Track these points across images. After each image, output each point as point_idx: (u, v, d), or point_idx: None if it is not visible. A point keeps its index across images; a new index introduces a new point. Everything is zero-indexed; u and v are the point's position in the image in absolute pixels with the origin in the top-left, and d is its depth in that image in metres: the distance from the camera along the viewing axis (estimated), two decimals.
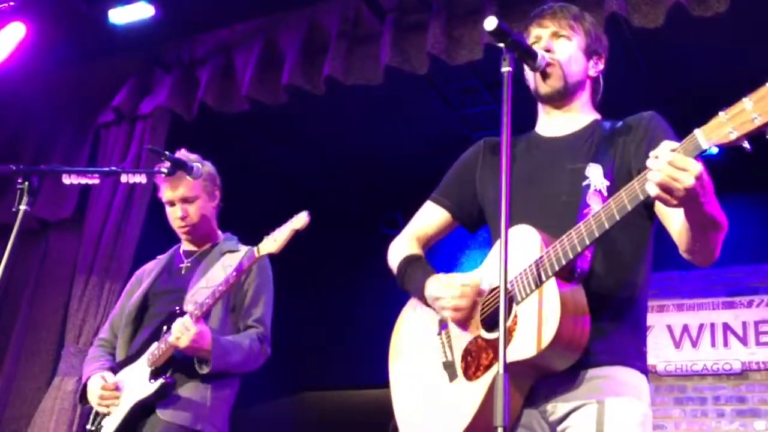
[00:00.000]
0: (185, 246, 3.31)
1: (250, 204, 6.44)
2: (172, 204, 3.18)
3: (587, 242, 1.84)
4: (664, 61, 5.32)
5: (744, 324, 5.96)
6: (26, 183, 2.74)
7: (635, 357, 2.04)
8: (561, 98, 2.24)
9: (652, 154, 1.69)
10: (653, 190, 1.68)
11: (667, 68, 5.40)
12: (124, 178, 3.15)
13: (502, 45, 2.03)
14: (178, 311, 2.92)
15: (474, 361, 2.02)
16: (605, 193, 2.03)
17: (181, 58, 5.24)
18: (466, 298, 2.05)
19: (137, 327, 3.13)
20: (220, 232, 3.34)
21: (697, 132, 1.69)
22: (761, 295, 6.02)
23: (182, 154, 3.15)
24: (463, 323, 2.07)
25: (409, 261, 2.34)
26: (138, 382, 2.94)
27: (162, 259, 3.36)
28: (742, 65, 5.23)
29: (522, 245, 1.98)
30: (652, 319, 5.95)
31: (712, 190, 1.77)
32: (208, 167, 3.25)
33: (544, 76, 2.18)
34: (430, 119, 6.18)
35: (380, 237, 7.57)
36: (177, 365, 2.89)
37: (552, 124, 2.29)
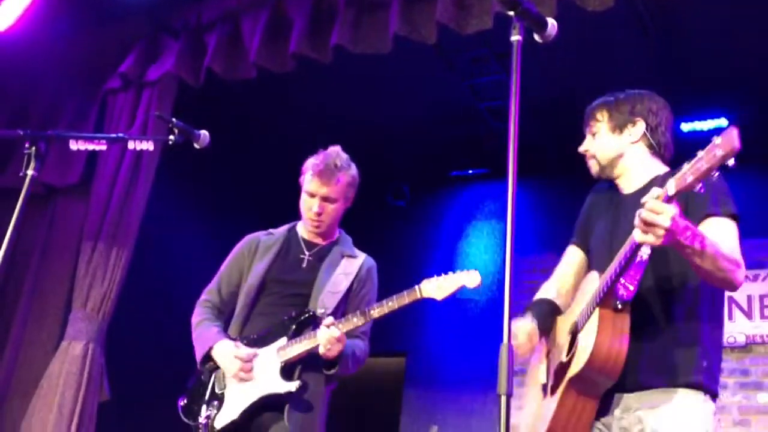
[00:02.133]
0: (305, 234, 3.34)
1: (256, 172, 6.44)
2: (312, 195, 3.23)
3: (614, 277, 2.21)
4: (672, 27, 5.28)
5: (749, 298, 5.96)
6: (33, 148, 2.75)
7: (695, 372, 2.30)
8: (608, 174, 2.67)
9: (643, 200, 2.04)
10: (637, 235, 2.04)
11: (676, 34, 5.36)
12: (131, 145, 3.14)
13: (512, 13, 2.04)
14: (311, 314, 3.05)
15: (558, 380, 2.41)
16: None
17: (188, 24, 5.21)
18: (522, 345, 2.50)
19: (253, 308, 3.20)
20: (337, 229, 3.41)
21: (669, 181, 1.99)
22: (767, 269, 6.02)
23: (336, 153, 3.29)
24: (543, 356, 2.57)
25: (534, 304, 2.74)
26: (268, 372, 3.01)
27: (278, 236, 3.37)
28: (748, 32, 5.19)
29: (589, 288, 2.39)
30: None
31: (702, 239, 2.11)
32: (355, 171, 3.33)
33: (591, 168, 2.69)
34: (438, 89, 6.15)
35: (387, 207, 7.60)
36: (305, 367, 3.02)
37: (621, 185, 2.67)
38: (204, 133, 3.09)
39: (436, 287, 2.91)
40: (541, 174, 6.78)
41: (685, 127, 6.18)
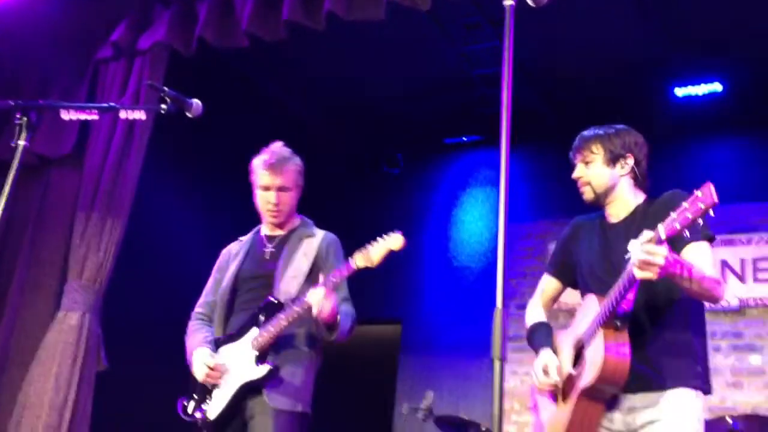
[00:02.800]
0: (266, 230, 3.55)
1: (249, 142, 6.42)
2: (267, 189, 3.42)
3: (616, 302, 2.60)
4: (671, 4, 5.26)
5: (742, 261, 6.00)
6: (25, 118, 2.74)
7: (691, 377, 2.71)
8: (601, 202, 3.00)
9: (632, 242, 2.42)
10: (637, 273, 2.43)
11: (674, 11, 5.34)
12: (122, 114, 3.13)
13: None
14: (276, 301, 3.23)
15: (568, 390, 2.83)
16: None
17: None
18: (546, 375, 2.92)
19: (230, 309, 3.41)
20: (296, 216, 3.59)
21: (659, 227, 2.38)
22: (760, 232, 6.04)
23: (280, 147, 3.48)
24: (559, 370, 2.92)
25: (534, 327, 3.16)
26: (243, 363, 3.21)
27: (245, 241, 3.60)
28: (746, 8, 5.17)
29: (589, 308, 2.80)
30: None
31: (690, 268, 2.52)
32: (298, 161, 3.51)
33: (582, 194, 3.00)
34: (432, 56, 6.12)
35: (381, 175, 7.60)
36: (277, 350, 3.21)
37: (609, 213, 3.01)
38: (196, 102, 3.06)
39: (366, 256, 3.06)
40: (536, 141, 6.77)
41: (679, 92, 6.18)
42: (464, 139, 7.37)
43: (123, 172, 5.05)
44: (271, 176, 3.40)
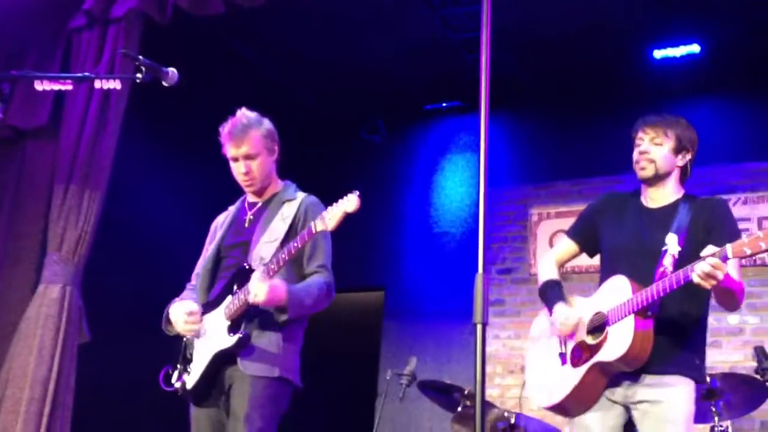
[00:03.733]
0: (249, 198, 3.54)
1: (228, 110, 6.37)
2: (236, 160, 3.38)
3: (659, 297, 2.82)
4: None
5: None
6: None
7: (691, 368, 2.98)
8: (654, 182, 3.15)
9: (702, 254, 2.66)
10: (696, 278, 2.67)
11: None
12: (97, 84, 3.08)
13: None
14: (247, 267, 3.17)
15: (579, 356, 3.06)
16: (676, 257, 2.96)
17: None
18: (568, 326, 3.12)
19: (213, 278, 3.39)
20: (279, 181, 3.54)
21: (727, 247, 2.61)
22: (738, 193, 6.09)
23: (242, 114, 3.41)
24: (570, 334, 3.13)
25: (549, 284, 3.31)
26: (217, 332, 3.20)
27: (231, 210, 3.59)
28: None
29: (618, 288, 2.98)
30: None
31: (732, 281, 2.79)
32: (267, 124, 3.44)
33: (640, 168, 3.13)
34: (411, 22, 6.06)
35: (362, 143, 7.57)
36: (251, 318, 3.16)
37: (649, 197, 3.19)
38: (172, 71, 3.03)
39: (324, 220, 2.95)
40: (515, 106, 6.77)
41: (658, 54, 6.17)
42: (444, 105, 7.35)
43: (100, 142, 5.00)
44: (234, 146, 3.35)
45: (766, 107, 6.25)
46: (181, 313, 3.26)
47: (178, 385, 3.27)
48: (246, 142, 3.34)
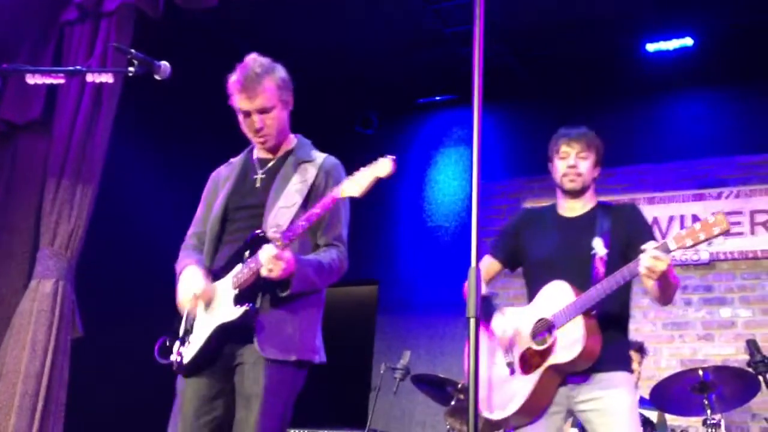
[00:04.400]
0: (259, 153, 3.18)
1: (220, 104, 6.35)
2: (247, 114, 3.03)
3: (604, 295, 2.96)
4: None
5: (713, 215, 6.05)
6: None
7: (626, 363, 3.16)
8: (578, 195, 3.30)
9: (644, 247, 2.83)
10: (643, 270, 2.82)
11: None
12: (89, 78, 3.06)
13: None
14: (261, 235, 2.87)
15: (528, 363, 3.11)
16: (605, 259, 3.13)
17: None
18: (505, 338, 3.19)
19: (219, 241, 3.07)
20: (292, 135, 3.22)
21: (668, 239, 2.79)
22: (730, 186, 6.11)
23: (254, 60, 3.06)
24: (513, 342, 3.19)
25: (484, 298, 3.25)
26: (222, 302, 2.91)
27: (235, 164, 3.23)
28: None
29: (559, 293, 3.09)
30: None
31: (674, 273, 2.98)
32: (281, 71, 3.10)
33: (570, 180, 3.26)
34: (404, 14, 6.05)
35: (355, 136, 7.56)
36: (262, 290, 2.86)
37: (569, 208, 3.33)
38: (165, 64, 3.01)
39: (355, 184, 2.74)
40: (509, 99, 6.76)
41: (651, 47, 6.18)
42: (438, 98, 7.34)
43: (92, 137, 4.99)
44: (246, 99, 2.99)
45: (758, 101, 6.26)
46: (189, 289, 2.94)
47: (174, 358, 2.96)
48: (260, 94, 2.99)
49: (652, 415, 4.57)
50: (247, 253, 2.89)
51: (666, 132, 6.37)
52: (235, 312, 2.84)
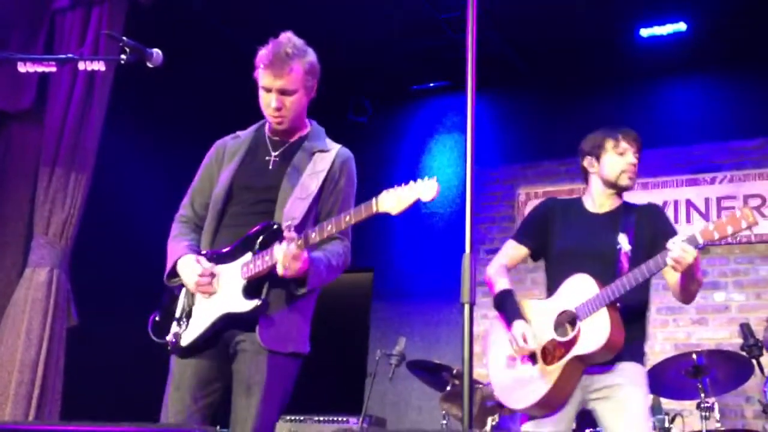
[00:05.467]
0: (271, 134, 3.10)
1: (212, 91, 6.34)
2: (268, 91, 2.96)
3: (629, 288, 2.97)
4: None
5: (707, 200, 6.08)
6: None
7: (637, 355, 3.16)
8: (623, 192, 3.33)
9: (671, 241, 2.84)
10: (670, 263, 2.84)
11: None
12: (81, 66, 3.02)
13: None
14: (275, 227, 2.82)
15: (550, 354, 3.11)
16: (629, 254, 3.16)
17: None
18: (524, 351, 3.16)
19: (221, 219, 2.99)
20: (306, 121, 3.15)
21: (696, 232, 2.79)
22: (724, 171, 6.11)
23: (288, 39, 3.01)
24: (535, 334, 3.18)
25: (504, 295, 3.35)
26: (229, 291, 2.86)
27: (245, 138, 3.13)
28: None
29: (583, 286, 3.10)
30: None
31: (700, 265, 2.94)
32: (311, 56, 3.04)
33: (629, 177, 3.27)
34: (397, 0, 6.03)
35: (348, 123, 7.54)
36: (273, 285, 2.82)
37: (598, 203, 3.33)
38: (157, 52, 2.99)
39: (395, 200, 2.72)
40: (502, 85, 6.75)
41: (644, 32, 6.17)
42: (431, 84, 7.32)
43: (85, 125, 4.97)
44: (271, 76, 2.93)
45: (751, 86, 6.26)
46: (194, 273, 2.87)
47: (170, 338, 2.91)
48: (286, 75, 2.93)
49: None
50: (258, 245, 2.83)
51: (660, 117, 6.37)
52: (246, 305, 2.81)
